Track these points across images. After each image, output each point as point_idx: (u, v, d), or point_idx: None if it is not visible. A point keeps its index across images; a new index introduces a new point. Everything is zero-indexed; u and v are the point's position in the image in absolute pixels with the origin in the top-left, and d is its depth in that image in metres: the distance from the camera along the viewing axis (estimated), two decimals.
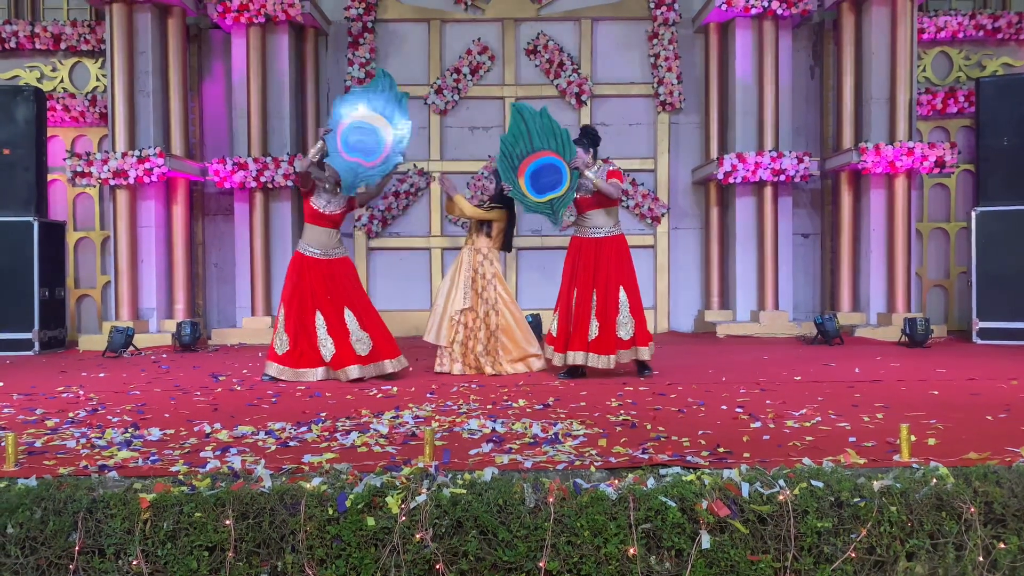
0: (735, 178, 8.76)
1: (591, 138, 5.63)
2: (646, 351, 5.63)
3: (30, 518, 2.70)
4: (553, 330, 5.71)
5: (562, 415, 4.23)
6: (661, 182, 9.63)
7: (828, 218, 9.53)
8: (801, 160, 8.75)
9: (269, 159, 8.73)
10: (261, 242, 8.93)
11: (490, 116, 9.70)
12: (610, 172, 5.56)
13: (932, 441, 3.43)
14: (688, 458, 3.14)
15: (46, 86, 9.29)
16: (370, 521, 2.65)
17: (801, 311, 9.56)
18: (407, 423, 4.03)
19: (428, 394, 5.04)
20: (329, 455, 3.25)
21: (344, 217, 5.87)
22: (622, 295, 5.53)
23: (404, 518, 2.65)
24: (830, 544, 2.68)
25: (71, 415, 4.37)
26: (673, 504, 2.67)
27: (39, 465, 3.15)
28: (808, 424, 3.91)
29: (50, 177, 8.84)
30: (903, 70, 8.61)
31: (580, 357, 5.55)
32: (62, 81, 9.44)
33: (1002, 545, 2.73)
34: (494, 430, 3.80)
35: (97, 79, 9.44)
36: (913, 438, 3.18)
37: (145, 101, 8.68)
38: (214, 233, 9.60)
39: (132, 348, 7.71)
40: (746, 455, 3.21)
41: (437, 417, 4.21)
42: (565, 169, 5.50)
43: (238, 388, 5.43)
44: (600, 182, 5.47)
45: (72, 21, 9.35)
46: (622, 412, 4.29)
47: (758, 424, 3.93)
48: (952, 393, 4.85)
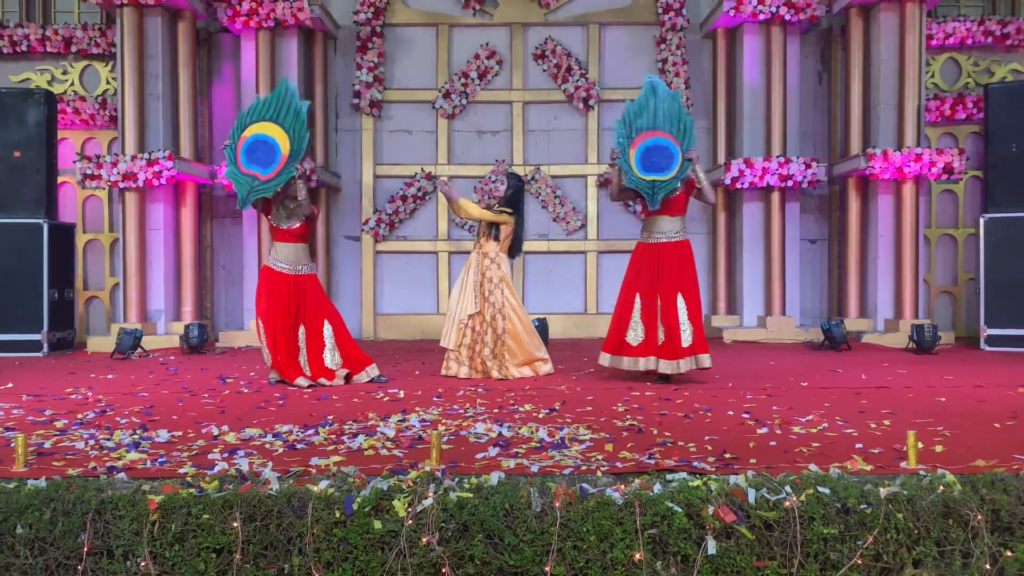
0: (742, 183, 8.76)
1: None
2: (706, 359, 5.58)
3: (39, 519, 2.72)
4: (608, 332, 5.81)
5: (568, 420, 4.23)
6: None
7: (835, 224, 9.52)
8: (809, 166, 8.74)
9: None
10: (269, 245, 8.93)
11: (498, 120, 9.73)
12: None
13: (939, 448, 3.42)
14: (694, 463, 3.14)
15: (57, 89, 9.35)
16: (377, 524, 2.66)
17: (808, 317, 9.54)
18: (414, 426, 4.04)
19: (435, 398, 5.05)
20: (336, 458, 3.26)
21: (308, 230, 5.80)
22: (680, 301, 5.53)
23: (411, 521, 2.66)
24: (836, 551, 2.68)
25: (80, 416, 4.39)
26: (679, 509, 2.67)
27: (48, 466, 3.17)
28: (815, 430, 3.91)
29: (60, 179, 8.88)
30: (911, 76, 8.59)
31: (652, 363, 5.59)
32: (73, 84, 9.50)
33: (1009, 553, 2.73)
34: (500, 434, 3.81)
35: (107, 82, 9.50)
36: (920, 445, 3.17)
37: (155, 104, 8.72)
38: (222, 236, 9.64)
39: (140, 350, 7.74)
40: (752, 461, 3.21)
41: (444, 421, 4.21)
42: (678, 157, 5.52)
43: (245, 390, 5.45)
44: (705, 181, 5.61)
45: (83, 24, 9.41)
46: (628, 417, 4.30)
47: (764, 430, 3.92)
48: (959, 400, 4.84)
